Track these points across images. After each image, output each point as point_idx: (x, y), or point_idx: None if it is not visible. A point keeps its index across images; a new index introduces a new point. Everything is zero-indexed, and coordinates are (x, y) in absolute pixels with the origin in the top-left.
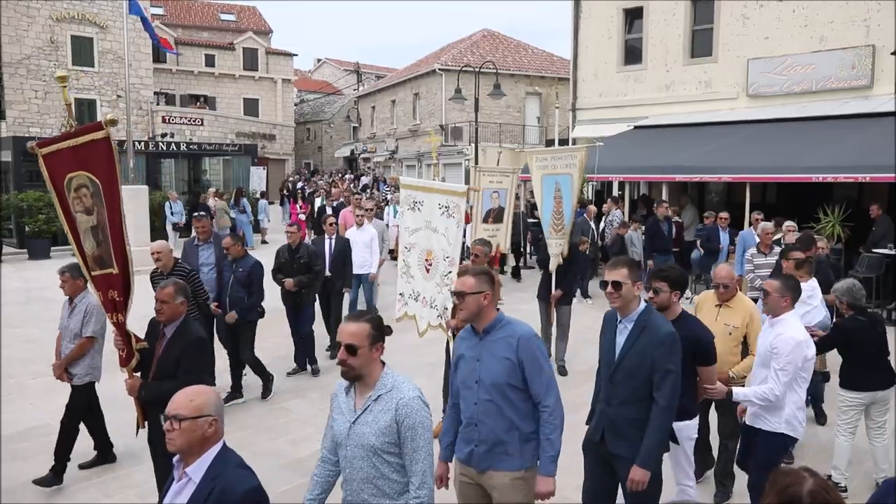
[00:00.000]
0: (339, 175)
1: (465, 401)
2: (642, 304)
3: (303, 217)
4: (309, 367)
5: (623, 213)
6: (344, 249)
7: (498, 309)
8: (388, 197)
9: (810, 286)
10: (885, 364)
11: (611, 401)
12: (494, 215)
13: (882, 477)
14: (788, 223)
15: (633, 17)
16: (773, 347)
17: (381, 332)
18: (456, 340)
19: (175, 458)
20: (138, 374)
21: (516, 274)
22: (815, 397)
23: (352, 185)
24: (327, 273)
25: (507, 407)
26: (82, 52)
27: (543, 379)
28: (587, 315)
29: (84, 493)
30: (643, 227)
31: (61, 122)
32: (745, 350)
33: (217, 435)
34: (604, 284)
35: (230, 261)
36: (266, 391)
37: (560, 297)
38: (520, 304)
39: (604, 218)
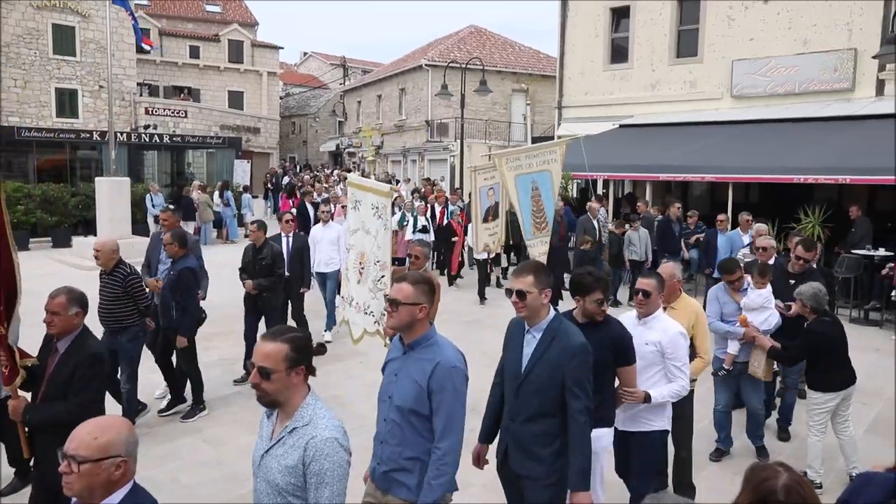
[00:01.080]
0: (327, 171)
1: (379, 412)
2: (551, 313)
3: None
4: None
5: (607, 211)
6: (301, 249)
7: (431, 324)
8: None
9: (768, 291)
10: (848, 362)
11: (516, 417)
12: (494, 212)
13: (853, 468)
14: (760, 225)
15: (620, 16)
16: (665, 348)
17: (302, 353)
18: (392, 345)
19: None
20: (28, 394)
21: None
22: (784, 415)
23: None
24: (286, 273)
25: (412, 434)
26: (64, 41)
27: (446, 418)
28: None
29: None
30: (639, 227)
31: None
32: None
33: (126, 477)
34: (508, 293)
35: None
36: (191, 411)
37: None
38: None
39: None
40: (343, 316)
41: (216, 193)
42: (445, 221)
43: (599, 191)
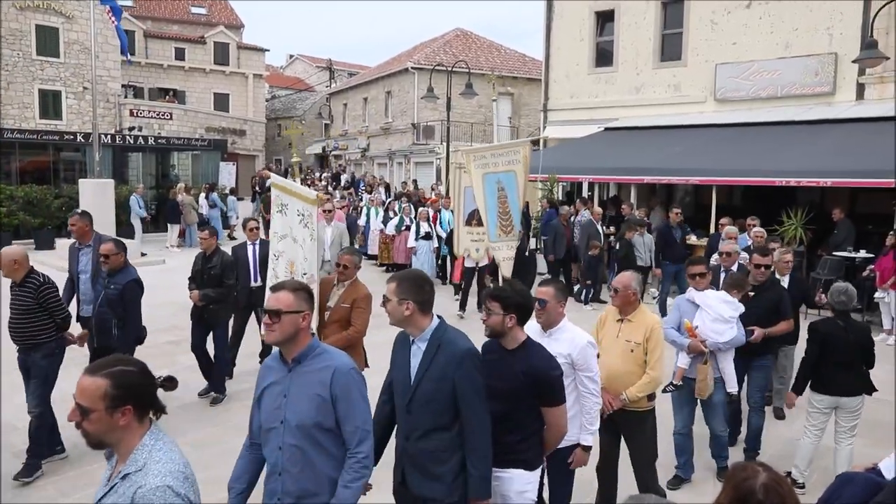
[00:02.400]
0: (317, 174)
1: (269, 444)
2: (434, 321)
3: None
4: (212, 394)
5: (591, 213)
6: (267, 256)
7: (313, 334)
8: (365, 198)
9: (737, 303)
10: (855, 372)
11: (410, 435)
12: (478, 216)
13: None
14: (729, 228)
15: (605, 19)
16: (576, 360)
17: (129, 391)
18: (261, 370)
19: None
20: None
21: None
22: (750, 444)
23: (329, 186)
24: (253, 283)
25: (318, 454)
26: (47, 42)
27: (358, 421)
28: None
29: (41, 491)
30: (644, 232)
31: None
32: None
33: None
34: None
35: (106, 272)
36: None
37: None
38: None
39: (572, 219)
40: None
41: (202, 195)
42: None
43: (585, 193)
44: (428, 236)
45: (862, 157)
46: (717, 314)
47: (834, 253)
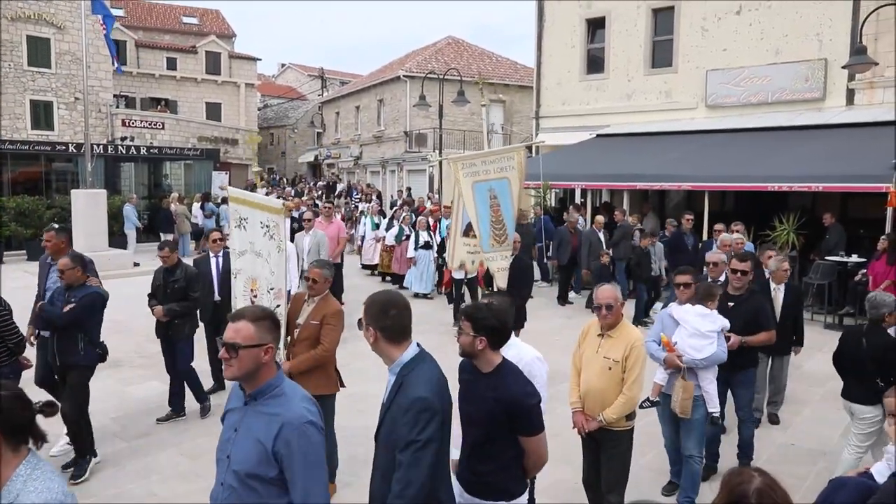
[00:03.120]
0: (311, 183)
1: (217, 473)
2: (409, 352)
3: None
4: (199, 404)
5: (585, 220)
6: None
7: (278, 364)
8: (362, 207)
9: (715, 316)
10: (867, 383)
11: (375, 473)
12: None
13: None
14: (724, 236)
15: (596, 27)
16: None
17: None
18: (231, 391)
19: None
20: None
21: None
22: (744, 450)
23: (323, 195)
24: (216, 297)
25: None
26: (38, 52)
27: (303, 488)
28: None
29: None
30: (656, 241)
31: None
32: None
33: None
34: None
35: (63, 287)
36: (77, 470)
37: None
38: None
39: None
40: None
41: (195, 204)
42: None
43: (577, 200)
44: (427, 246)
45: (852, 162)
46: (693, 329)
47: (826, 257)
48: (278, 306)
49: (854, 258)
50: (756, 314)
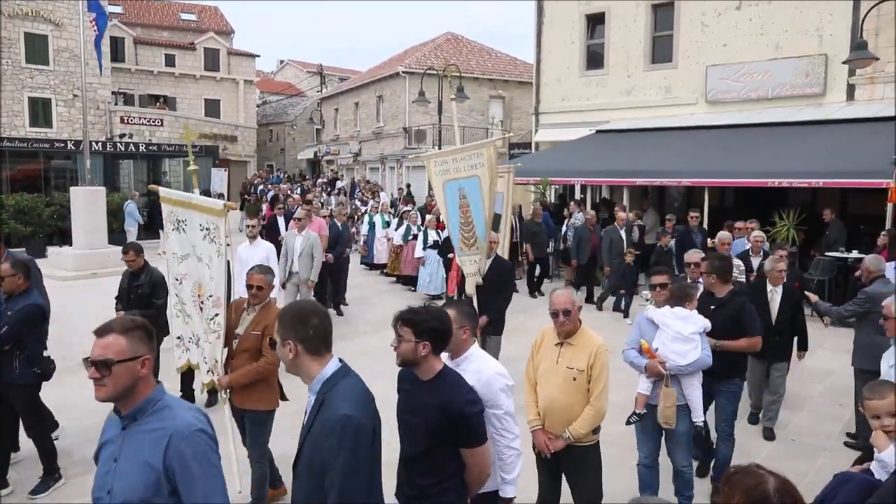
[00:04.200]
0: (311, 180)
1: None
2: (330, 367)
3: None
4: None
5: (585, 216)
6: None
7: (158, 382)
8: (363, 206)
9: (698, 319)
10: None
11: None
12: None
13: None
14: (722, 234)
15: (595, 22)
16: (483, 394)
17: None
18: (105, 422)
19: None
20: None
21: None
22: (719, 472)
23: (324, 192)
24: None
25: None
26: (36, 49)
27: (208, 490)
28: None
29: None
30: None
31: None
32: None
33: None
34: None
35: (3, 297)
36: (40, 485)
37: (486, 324)
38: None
39: (566, 221)
40: (188, 358)
41: None
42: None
43: (577, 196)
44: (436, 245)
45: (853, 158)
46: (675, 332)
47: (826, 253)
48: (216, 315)
49: (854, 254)
50: (737, 318)
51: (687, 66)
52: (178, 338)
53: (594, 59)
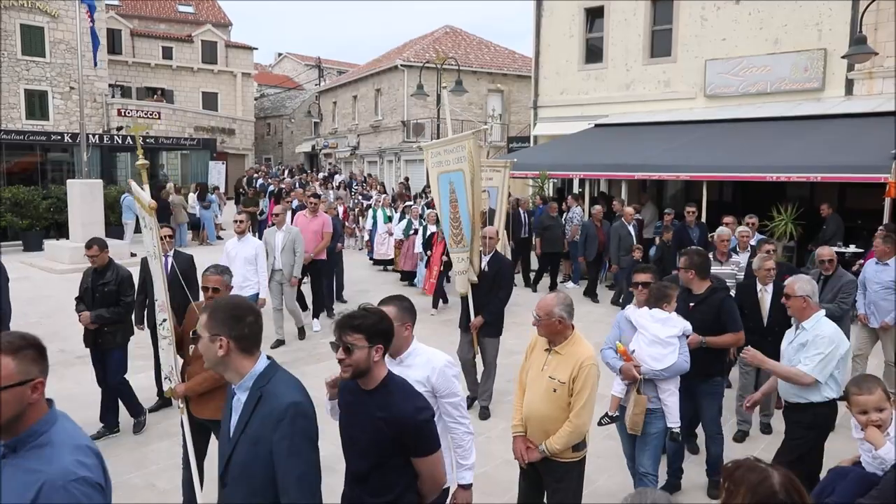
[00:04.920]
0: (310, 173)
1: None
2: (260, 364)
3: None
4: (134, 419)
5: (583, 210)
6: (186, 271)
7: (50, 401)
8: (366, 200)
9: (678, 321)
10: None
11: None
12: (484, 219)
13: None
14: (721, 230)
15: (594, 16)
16: (436, 385)
17: None
18: None
19: None
20: None
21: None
22: (712, 466)
23: (322, 185)
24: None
25: None
26: (32, 41)
27: None
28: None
29: None
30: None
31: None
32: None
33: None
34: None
35: None
36: None
37: (481, 325)
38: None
39: (564, 215)
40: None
41: (191, 195)
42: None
43: (575, 190)
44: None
45: (851, 153)
46: (652, 335)
47: None
48: (165, 320)
49: (852, 248)
50: (717, 314)
51: (686, 61)
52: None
53: (593, 52)
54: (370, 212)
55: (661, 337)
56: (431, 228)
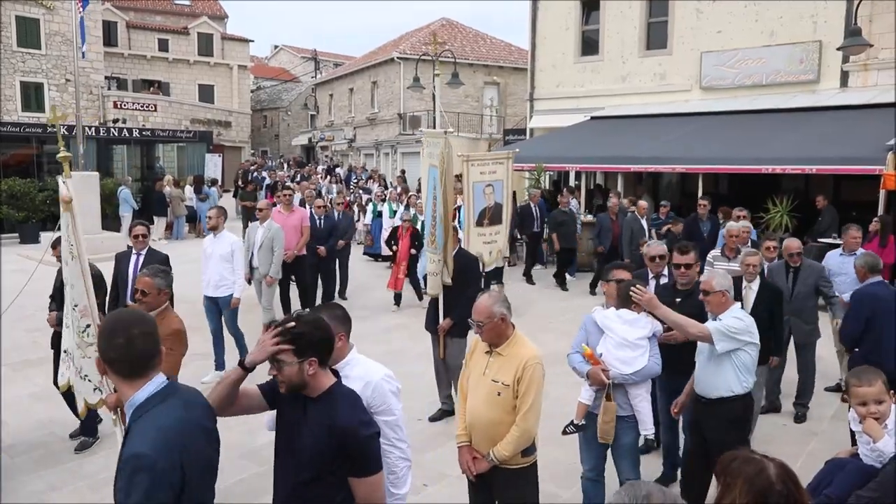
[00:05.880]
0: (310, 165)
1: None
2: (150, 388)
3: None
4: (81, 437)
5: (579, 202)
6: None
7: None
8: (365, 194)
9: (646, 321)
10: None
11: None
12: (490, 215)
13: None
14: (731, 224)
15: (590, 8)
16: (371, 401)
17: None
18: None
19: None
20: None
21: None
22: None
23: (322, 179)
24: (129, 301)
25: None
26: (28, 33)
27: None
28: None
29: (31, 485)
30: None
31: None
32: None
33: None
34: None
35: None
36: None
37: (450, 327)
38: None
39: (567, 208)
40: (68, 378)
41: (187, 187)
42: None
43: (571, 182)
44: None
45: (846, 145)
46: (620, 338)
47: (819, 240)
48: (88, 326)
49: None
50: (702, 309)
51: (682, 53)
52: (65, 351)
53: (589, 45)
54: (370, 206)
55: (629, 339)
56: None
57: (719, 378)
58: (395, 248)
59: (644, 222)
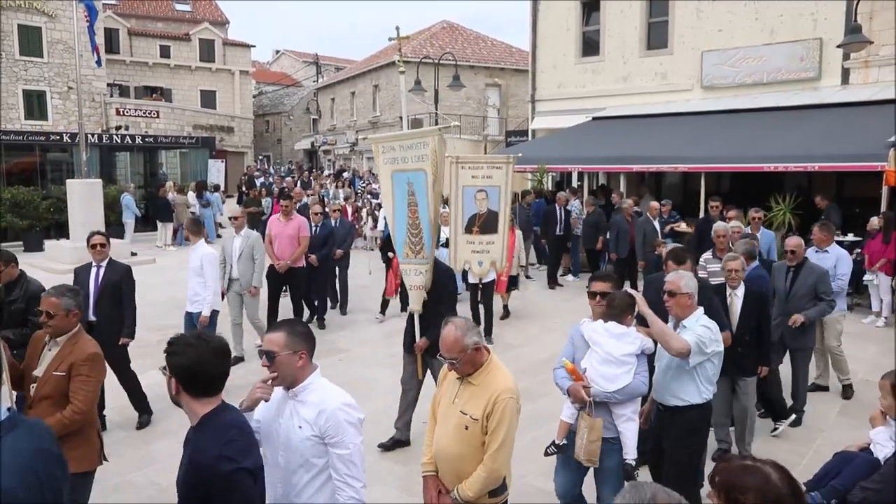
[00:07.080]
0: (316, 171)
1: None
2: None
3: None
4: None
5: (581, 203)
6: (119, 283)
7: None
8: (375, 199)
9: (633, 335)
10: None
11: None
12: (481, 222)
13: None
14: (718, 226)
15: (591, 9)
16: (325, 430)
17: None
18: None
19: None
20: None
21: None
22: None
23: (329, 183)
24: (91, 317)
25: None
26: (30, 41)
27: None
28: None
29: None
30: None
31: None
32: None
33: None
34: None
35: None
36: None
37: (427, 347)
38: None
39: (565, 206)
40: None
41: (190, 193)
42: None
43: (574, 183)
44: (448, 244)
45: (848, 142)
46: (605, 353)
47: None
48: None
49: (850, 237)
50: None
51: (682, 52)
52: None
53: (590, 45)
54: (382, 211)
55: (615, 355)
56: (444, 231)
57: (678, 385)
58: (391, 254)
59: (656, 223)
